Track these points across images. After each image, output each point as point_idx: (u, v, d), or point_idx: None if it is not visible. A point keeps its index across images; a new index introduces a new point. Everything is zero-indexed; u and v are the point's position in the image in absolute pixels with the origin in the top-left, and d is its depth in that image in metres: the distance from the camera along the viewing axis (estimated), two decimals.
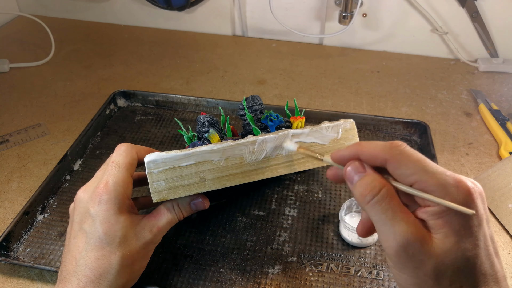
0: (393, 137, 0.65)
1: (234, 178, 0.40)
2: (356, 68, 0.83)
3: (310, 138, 0.43)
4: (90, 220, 0.37)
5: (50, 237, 0.50)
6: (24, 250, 0.49)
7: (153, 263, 0.46)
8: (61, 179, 0.57)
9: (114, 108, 0.70)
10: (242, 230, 0.51)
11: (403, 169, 0.29)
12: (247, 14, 0.90)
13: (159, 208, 0.41)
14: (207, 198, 0.43)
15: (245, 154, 0.41)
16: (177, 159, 0.39)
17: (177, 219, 0.42)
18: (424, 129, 0.64)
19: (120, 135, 0.65)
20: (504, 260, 0.48)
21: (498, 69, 0.81)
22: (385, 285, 0.45)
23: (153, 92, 0.71)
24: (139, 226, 0.39)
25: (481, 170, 0.60)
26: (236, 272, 0.46)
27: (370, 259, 0.48)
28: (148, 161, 0.39)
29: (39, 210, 0.53)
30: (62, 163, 0.57)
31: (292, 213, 0.53)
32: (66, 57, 0.86)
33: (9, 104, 0.72)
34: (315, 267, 0.47)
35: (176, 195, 0.39)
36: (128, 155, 0.40)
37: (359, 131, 0.66)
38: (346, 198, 0.55)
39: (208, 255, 0.48)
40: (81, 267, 0.36)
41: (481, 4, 0.77)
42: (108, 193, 0.38)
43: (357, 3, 0.78)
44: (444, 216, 0.28)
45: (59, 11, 0.99)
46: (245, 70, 0.82)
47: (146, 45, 0.90)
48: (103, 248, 0.37)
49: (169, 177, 0.39)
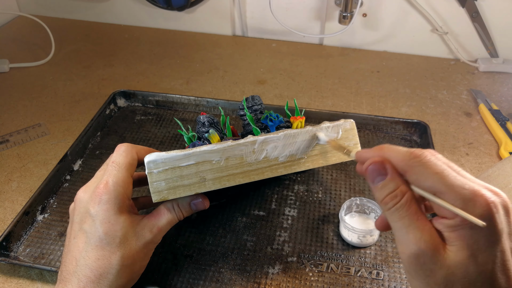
0: (393, 137, 0.65)
1: (234, 178, 0.40)
2: (356, 68, 0.83)
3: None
4: (90, 220, 0.37)
5: (50, 237, 0.50)
6: (24, 250, 0.49)
7: (153, 263, 0.46)
8: (61, 179, 0.57)
9: (114, 108, 0.70)
10: (242, 230, 0.51)
11: (422, 181, 0.29)
12: (247, 14, 0.90)
13: (159, 208, 0.41)
14: (207, 198, 0.43)
15: (245, 154, 0.41)
16: (177, 159, 0.39)
17: (177, 219, 0.42)
18: (424, 129, 0.64)
19: (120, 135, 0.65)
20: None
21: (498, 69, 0.81)
22: (385, 285, 0.45)
23: (153, 92, 0.71)
24: (139, 226, 0.39)
25: (481, 170, 0.60)
26: (236, 272, 0.46)
27: (370, 259, 0.48)
28: (148, 161, 0.39)
29: (39, 210, 0.53)
30: (62, 163, 0.58)
31: (292, 213, 0.53)
32: (66, 57, 0.86)
33: (9, 104, 0.72)
34: (315, 267, 0.47)
35: (176, 195, 0.39)
36: (128, 155, 0.41)
37: (359, 131, 0.65)
38: (346, 198, 0.55)
39: (208, 255, 0.48)
40: (81, 267, 0.36)
41: (481, 4, 0.77)
42: (108, 193, 0.38)
43: (357, 3, 0.78)
44: (459, 230, 0.28)
45: (59, 11, 0.99)
46: (245, 70, 0.82)
47: (146, 45, 0.90)
48: (103, 248, 0.37)
49: (169, 177, 0.39)
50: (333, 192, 0.56)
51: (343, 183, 0.57)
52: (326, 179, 0.58)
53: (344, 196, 0.55)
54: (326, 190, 0.56)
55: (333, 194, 0.56)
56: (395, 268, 0.47)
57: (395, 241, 0.30)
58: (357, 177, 0.58)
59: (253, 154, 0.41)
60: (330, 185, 0.57)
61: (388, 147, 0.32)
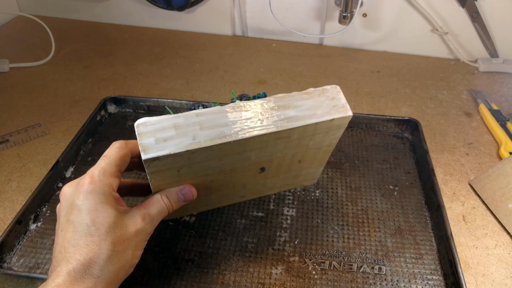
0: (385, 135, 0.66)
1: (225, 138, 0.39)
2: (356, 68, 0.83)
3: None
4: (76, 211, 0.37)
5: (45, 246, 0.49)
6: (18, 260, 0.47)
7: (153, 269, 0.46)
8: (53, 187, 0.56)
9: (105, 114, 0.69)
10: (242, 232, 0.51)
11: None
12: (247, 14, 0.90)
13: (148, 199, 0.41)
14: (194, 187, 0.43)
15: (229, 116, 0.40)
16: (166, 118, 0.39)
17: (167, 210, 0.41)
18: (416, 126, 0.65)
19: (112, 141, 0.64)
20: (504, 260, 0.48)
21: (498, 69, 0.81)
22: (387, 279, 0.46)
23: (144, 98, 0.70)
24: (129, 215, 0.39)
25: (481, 170, 0.60)
26: (239, 274, 0.46)
27: (371, 255, 0.48)
28: (137, 124, 0.38)
29: (32, 218, 0.52)
30: (54, 170, 0.56)
31: (291, 213, 0.53)
32: (66, 57, 0.86)
33: (9, 104, 0.72)
34: (317, 265, 0.47)
35: (165, 152, 0.37)
36: (121, 150, 0.41)
37: (351, 130, 0.66)
38: (343, 195, 0.55)
39: (210, 259, 0.48)
40: (71, 253, 0.35)
41: (481, 4, 0.77)
42: (93, 183, 0.37)
43: (357, 3, 0.78)
44: None
45: (59, 11, 0.99)
46: (245, 70, 0.82)
47: (146, 45, 0.90)
48: (92, 235, 0.36)
49: (158, 136, 0.38)
50: (330, 191, 0.56)
51: (339, 181, 0.58)
52: (322, 178, 0.58)
53: (341, 193, 0.56)
54: (323, 189, 0.56)
55: (330, 192, 0.56)
56: (397, 263, 0.48)
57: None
58: (352, 175, 0.59)
59: (232, 112, 0.40)
60: (326, 184, 0.57)
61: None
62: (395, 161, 0.61)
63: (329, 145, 0.47)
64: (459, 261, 0.46)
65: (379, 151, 0.63)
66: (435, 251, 0.49)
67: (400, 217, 0.53)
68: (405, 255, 0.49)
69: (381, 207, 0.54)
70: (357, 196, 0.56)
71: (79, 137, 0.62)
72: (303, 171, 0.51)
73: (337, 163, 0.61)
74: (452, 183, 0.58)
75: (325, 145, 0.47)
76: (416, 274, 0.47)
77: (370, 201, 0.55)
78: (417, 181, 0.58)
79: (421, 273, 0.47)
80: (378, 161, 0.61)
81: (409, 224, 0.52)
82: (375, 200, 0.55)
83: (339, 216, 0.53)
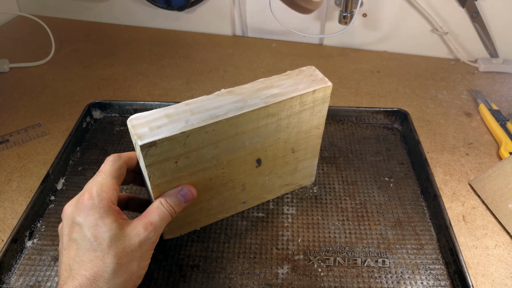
0: (375, 127, 0.67)
1: (217, 118, 0.40)
2: (356, 68, 0.83)
3: None
4: (77, 228, 0.37)
5: (44, 263, 0.47)
6: (17, 280, 0.45)
7: (159, 278, 0.46)
8: (45, 200, 0.54)
9: (90, 120, 0.67)
10: (244, 234, 0.51)
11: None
12: (247, 14, 0.90)
13: (148, 208, 0.41)
14: (192, 187, 0.43)
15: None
16: (157, 111, 0.40)
17: (169, 215, 0.41)
18: (405, 117, 0.66)
19: (101, 148, 0.63)
20: (504, 260, 0.48)
21: (498, 69, 0.81)
22: (392, 271, 0.46)
23: (130, 101, 0.69)
24: (130, 226, 0.39)
25: (481, 170, 0.60)
26: (246, 277, 0.46)
27: (374, 248, 0.49)
28: (130, 119, 0.39)
29: (27, 235, 0.50)
30: (45, 183, 0.54)
31: (291, 211, 0.53)
32: (66, 57, 0.86)
33: (9, 104, 0.72)
34: (322, 262, 0.47)
35: (160, 136, 0.37)
36: (116, 163, 0.41)
37: (342, 124, 0.67)
38: (340, 190, 0.56)
39: (215, 263, 0.47)
40: (76, 270, 0.36)
41: (481, 4, 0.77)
42: (91, 199, 0.38)
43: (357, 3, 0.78)
44: None
45: (59, 11, 0.99)
46: (245, 70, 0.82)
47: (146, 45, 0.90)
48: (95, 250, 0.36)
49: (152, 125, 0.39)
50: (327, 186, 0.56)
51: (335, 176, 0.58)
52: (318, 174, 0.58)
53: (338, 189, 0.56)
54: (320, 185, 0.57)
55: (327, 188, 0.56)
56: (399, 254, 0.48)
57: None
58: (348, 169, 0.59)
59: (223, 96, 0.43)
60: (323, 180, 0.57)
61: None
62: (388, 152, 0.62)
63: (318, 127, 0.49)
64: (460, 248, 0.46)
65: (371, 144, 0.63)
66: (435, 240, 0.50)
67: (398, 208, 0.54)
68: (407, 246, 0.49)
69: (379, 200, 0.55)
70: (354, 190, 0.56)
71: (67, 147, 0.60)
72: (299, 164, 0.52)
73: (331, 158, 0.61)
74: (452, 183, 0.58)
75: (314, 127, 0.48)
76: (418, 265, 0.47)
77: (368, 194, 0.55)
78: (411, 171, 0.59)
79: (423, 263, 0.47)
80: (371, 154, 0.62)
81: (407, 215, 0.53)
82: (372, 193, 0.56)
83: (338, 211, 0.53)
